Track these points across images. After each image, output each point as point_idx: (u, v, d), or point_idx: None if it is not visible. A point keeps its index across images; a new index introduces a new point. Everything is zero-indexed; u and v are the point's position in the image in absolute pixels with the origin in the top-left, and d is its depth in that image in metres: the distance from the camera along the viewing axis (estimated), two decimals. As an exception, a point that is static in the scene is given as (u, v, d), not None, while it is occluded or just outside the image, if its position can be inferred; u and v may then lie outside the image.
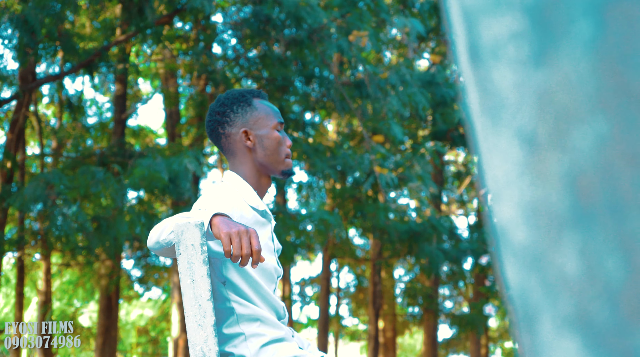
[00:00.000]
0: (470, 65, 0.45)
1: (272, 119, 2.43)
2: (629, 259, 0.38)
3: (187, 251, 1.99)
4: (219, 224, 2.01)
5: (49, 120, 13.83)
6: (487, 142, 0.44)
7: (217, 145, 2.45)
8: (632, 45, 0.38)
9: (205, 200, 2.26)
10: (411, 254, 11.77)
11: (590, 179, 0.39)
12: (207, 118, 2.45)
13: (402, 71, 9.05)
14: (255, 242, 1.97)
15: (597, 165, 0.39)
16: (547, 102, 0.41)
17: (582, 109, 0.39)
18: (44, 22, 7.88)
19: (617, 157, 0.38)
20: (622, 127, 0.38)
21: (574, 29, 0.40)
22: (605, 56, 0.39)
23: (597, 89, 0.39)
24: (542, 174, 0.41)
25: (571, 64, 0.40)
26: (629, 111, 0.38)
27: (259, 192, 2.42)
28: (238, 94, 2.45)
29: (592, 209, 0.39)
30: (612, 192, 0.39)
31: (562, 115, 0.40)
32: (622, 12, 0.38)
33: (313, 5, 8.58)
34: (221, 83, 10.46)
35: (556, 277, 0.41)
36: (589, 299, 0.39)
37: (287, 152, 2.45)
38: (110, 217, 8.37)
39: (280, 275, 2.46)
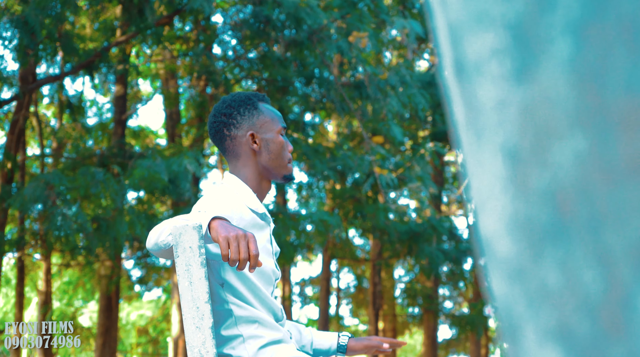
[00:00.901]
0: (455, 80, 0.46)
1: (277, 123, 2.44)
2: (606, 273, 0.39)
3: (185, 254, 2.00)
4: (217, 228, 2.02)
5: (49, 120, 13.84)
6: (472, 156, 0.45)
7: (220, 147, 2.45)
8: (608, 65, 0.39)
9: (204, 202, 2.27)
10: (411, 255, 11.78)
11: (570, 194, 0.40)
12: (211, 119, 2.44)
13: (401, 72, 9.06)
14: (252, 247, 1.98)
15: (576, 181, 0.40)
16: (529, 118, 0.42)
17: (561, 126, 0.40)
18: (44, 23, 7.89)
19: (595, 173, 0.39)
20: (599, 145, 0.39)
21: (553, 47, 0.40)
22: (583, 74, 0.40)
23: (575, 106, 0.40)
24: (524, 188, 0.42)
25: (551, 81, 0.41)
26: (606, 129, 0.39)
27: (259, 195, 2.43)
28: (244, 96, 2.45)
29: (571, 223, 0.40)
30: (590, 208, 0.39)
31: (543, 131, 0.41)
32: (598, 32, 0.39)
33: (313, 6, 8.59)
34: (221, 84, 10.47)
35: (538, 290, 0.42)
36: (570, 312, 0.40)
37: (289, 156, 2.46)
38: (110, 218, 8.38)
39: (279, 277, 2.46)
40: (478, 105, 0.44)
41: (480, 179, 0.45)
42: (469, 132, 0.45)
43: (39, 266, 13.04)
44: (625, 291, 0.38)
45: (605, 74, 0.39)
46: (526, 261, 0.42)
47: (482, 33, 0.43)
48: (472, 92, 0.44)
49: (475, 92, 0.44)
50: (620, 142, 0.38)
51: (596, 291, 0.39)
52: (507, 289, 0.43)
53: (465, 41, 0.44)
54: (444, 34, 0.46)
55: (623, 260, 0.38)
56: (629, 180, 0.38)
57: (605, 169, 0.38)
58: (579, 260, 0.40)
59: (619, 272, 0.38)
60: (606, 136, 0.38)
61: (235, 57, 10.82)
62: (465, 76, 0.45)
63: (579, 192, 0.40)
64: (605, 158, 0.39)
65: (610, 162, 0.38)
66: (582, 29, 0.39)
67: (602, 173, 0.39)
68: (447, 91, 0.48)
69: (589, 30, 0.39)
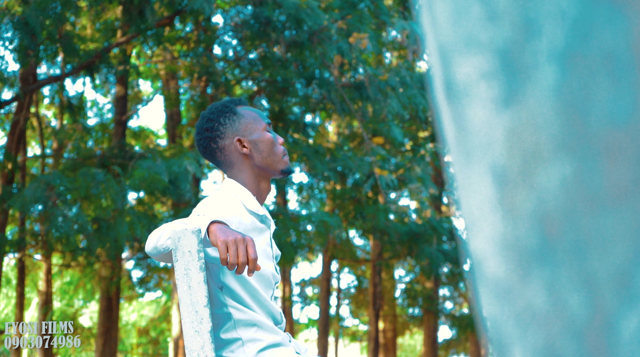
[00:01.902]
0: (445, 100, 0.46)
1: (260, 121, 2.45)
2: (591, 297, 0.39)
3: (184, 258, 2.00)
4: (216, 232, 2.02)
5: (50, 121, 13.85)
6: (462, 176, 0.45)
7: (213, 161, 2.46)
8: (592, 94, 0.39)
9: (204, 206, 2.28)
10: (411, 256, 11.78)
11: (556, 218, 0.41)
12: (197, 137, 2.45)
13: (402, 73, 9.06)
14: (251, 251, 1.99)
15: (561, 205, 0.40)
16: (516, 141, 0.42)
17: (547, 150, 0.41)
18: (45, 24, 7.90)
19: (580, 199, 0.40)
20: (584, 171, 0.39)
21: (539, 73, 0.41)
22: (567, 102, 0.40)
23: (561, 132, 0.40)
24: (512, 210, 0.43)
25: (537, 107, 0.41)
26: (591, 156, 0.39)
27: (259, 198, 2.44)
28: (220, 106, 2.46)
29: (557, 247, 0.41)
30: (576, 233, 0.40)
31: (530, 154, 0.42)
32: (582, 61, 0.40)
33: (313, 7, 8.59)
34: (222, 85, 10.47)
35: (526, 311, 0.42)
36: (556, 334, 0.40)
37: (282, 149, 2.46)
38: (110, 219, 8.38)
39: (278, 281, 2.47)
40: (467, 126, 0.45)
41: (470, 198, 0.46)
42: (458, 152, 0.46)
43: (39, 266, 13.05)
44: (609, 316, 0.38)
45: (589, 102, 0.39)
46: (514, 281, 0.43)
47: (470, 56, 0.44)
48: (461, 113, 0.45)
49: (464, 113, 0.45)
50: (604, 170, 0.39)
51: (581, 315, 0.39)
52: (496, 308, 0.44)
53: (454, 63, 0.45)
54: (435, 55, 0.47)
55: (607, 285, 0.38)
56: (613, 208, 0.38)
57: (590, 195, 0.39)
58: (565, 283, 0.40)
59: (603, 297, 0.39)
60: (591, 164, 0.39)
61: (236, 58, 10.83)
62: (455, 97, 0.46)
63: (564, 217, 0.40)
64: (590, 185, 0.39)
65: (595, 189, 0.39)
66: (566, 58, 0.40)
67: (587, 199, 0.39)
68: (437, 110, 0.48)
69: (573, 59, 0.40)
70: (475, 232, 0.45)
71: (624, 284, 0.37)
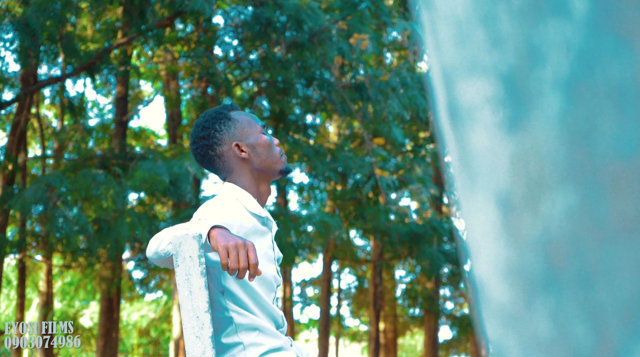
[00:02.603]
0: (449, 123, 0.46)
1: (255, 125, 2.46)
2: (597, 328, 0.39)
3: (185, 263, 2.00)
4: (217, 237, 2.02)
5: (51, 121, 13.85)
6: (466, 200, 0.45)
7: (212, 169, 2.46)
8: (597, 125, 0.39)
9: (205, 209, 2.28)
10: (412, 256, 11.78)
11: (561, 246, 0.40)
12: (193, 146, 2.44)
13: (402, 74, 9.05)
14: (252, 256, 1.99)
15: (567, 234, 0.40)
16: (520, 168, 0.42)
17: (552, 178, 0.41)
18: (45, 25, 7.89)
19: (586, 229, 0.39)
20: (590, 202, 0.39)
21: (544, 101, 0.41)
22: (572, 131, 0.40)
23: (566, 161, 0.40)
24: (516, 236, 0.42)
25: (541, 134, 0.41)
26: (597, 187, 0.39)
27: (260, 201, 2.44)
28: (214, 113, 2.46)
29: (562, 275, 0.41)
30: (581, 262, 0.40)
31: (534, 181, 0.41)
32: (587, 91, 0.39)
33: (314, 8, 8.58)
34: (222, 85, 10.46)
35: (531, 339, 0.42)
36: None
37: (279, 150, 2.47)
38: (111, 220, 8.38)
39: (280, 284, 2.46)
40: (471, 151, 0.45)
41: (474, 223, 0.45)
42: (462, 176, 0.45)
43: (40, 267, 13.05)
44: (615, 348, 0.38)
45: (594, 133, 0.39)
46: (519, 308, 0.42)
47: (474, 80, 0.44)
48: (465, 137, 0.45)
49: (468, 138, 0.45)
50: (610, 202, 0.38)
51: (587, 345, 0.39)
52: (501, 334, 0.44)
53: (458, 87, 0.45)
54: (438, 77, 0.46)
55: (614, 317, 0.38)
56: (618, 240, 0.38)
57: (596, 226, 0.39)
58: (571, 312, 0.40)
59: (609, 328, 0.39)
60: (596, 194, 0.39)
61: (236, 58, 10.82)
62: (459, 121, 0.45)
63: (570, 246, 0.40)
64: (595, 216, 0.39)
65: (600, 221, 0.39)
66: (571, 87, 0.40)
67: (592, 230, 0.39)
68: (440, 132, 0.48)
69: (578, 89, 0.40)
70: (480, 257, 0.45)
71: (630, 317, 0.37)
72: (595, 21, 0.38)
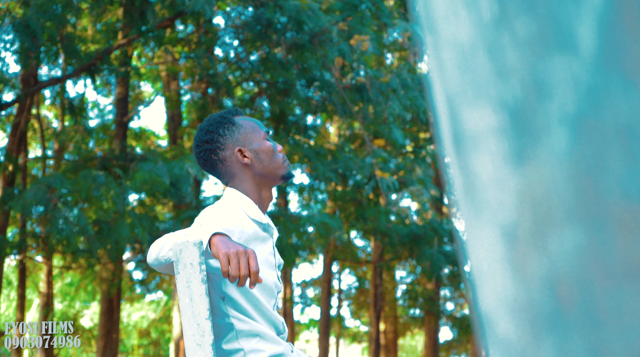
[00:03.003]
0: (453, 152, 0.46)
1: (259, 130, 2.46)
2: (604, 368, 0.38)
3: (185, 270, 2.00)
4: (218, 244, 2.02)
5: (51, 122, 13.84)
6: (471, 231, 0.45)
7: (214, 173, 2.45)
8: (605, 164, 0.39)
9: (206, 215, 2.28)
10: (412, 257, 11.77)
11: (569, 285, 0.40)
12: (196, 150, 2.44)
13: (403, 75, 9.04)
14: (253, 263, 1.99)
15: (574, 272, 0.40)
16: (527, 202, 0.41)
17: (559, 215, 0.40)
18: (46, 26, 7.88)
19: (594, 269, 0.39)
20: (598, 242, 0.39)
21: (550, 136, 0.40)
22: (580, 169, 0.40)
23: (573, 199, 0.40)
24: (523, 271, 0.42)
25: (548, 169, 0.40)
26: (605, 228, 0.38)
27: (261, 206, 2.44)
28: (218, 117, 2.46)
29: (570, 314, 0.40)
30: (589, 302, 0.39)
31: (541, 217, 0.41)
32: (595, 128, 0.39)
33: (314, 9, 8.57)
34: (223, 86, 10.46)
35: (537, 376, 0.41)
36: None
37: (282, 156, 2.47)
38: (111, 221, 8.38)
39: (281, 290, 2.46)
40: (476, 181, 0.44)
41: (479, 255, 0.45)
42: (467, 206, 0.45)
43: (40, 267, 13.04)
44: (622, 389, 0.37)
45: (602, 173, 0.39)
46: (527, 344, 0.42)
47: (479, 109, 0.43)
48: (470, 166, 0.44)
49: (473, 168, 0.44)
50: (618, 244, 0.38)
51: (594, 385, 0.39)
52: None
53: (463, 114, 0.44)
54: (442, 103, 0.46)
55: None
56: (627, 283, 0.37)
57: (604, 267, 0.38)
58: (578, 352, 0.39)
59: (616, 369, 0.38)
60: (605, 235, 0.38)
61: (237, 59, 10.82)
62: (464, 150, 0.45)
63: (577, 285, 0.40)
64: (604, 256, 0.38)
65: (609, 262, 0.38)
66: (578, 123, 0.39)
67: (601, 270, 0.39)
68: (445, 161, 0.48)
69: (585, 126, 0.39)
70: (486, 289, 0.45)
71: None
72: (603, 59, 0.37)
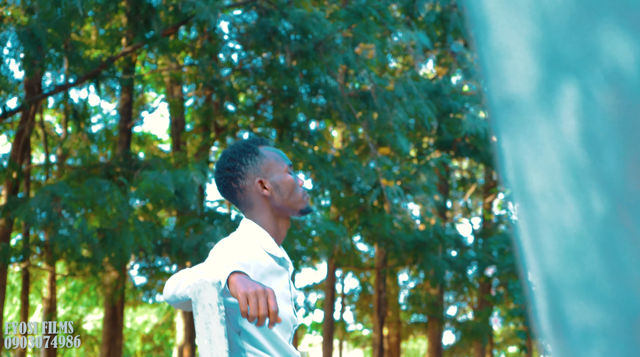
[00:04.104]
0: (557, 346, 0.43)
1: (282, 163, 2.43)
2: None
3: (204, 311, 1.97)
4: (236, 283, 2.00)
5: (54, 127, 13.81)
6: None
7: (232, 201, 2.43)
8: None
9: (222, 248, 2.26)
10: (417, 264, 11.75)
11: None
12: (217, 176, 2.42)
13: (408, 83, 9.01)
14: (272, 303, 1.96)
15: None
16: None
17: None
18: (51, 35, 7.86)
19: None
20: None
21: None
22: None
23: None
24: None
25: None
26: None
27: (278, 238, 2.42)
28: (243, 145, 2.43)
29: None
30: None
31: None
32: None
33: (319, 17, 8.54)
34: (226, 93, 10.43)
35: None
36: None
37: (302, 190, 2.44)
38: (115, 230, 8.36)
39: (297, 324, 2.44)
40: None
41: None
42: None
43: (43, 273, 13.03)
44: None
45: None
46: None
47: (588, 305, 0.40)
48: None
49: None
50: None
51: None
52: None
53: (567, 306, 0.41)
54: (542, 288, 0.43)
55: None
56: None
57: None
58: None
59: None
60: None
61: (240, 66, 10.79)
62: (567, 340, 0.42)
63: None
64: None
65: None
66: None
67: None
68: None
69: None
70: None
71: None
72: None
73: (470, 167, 16.87)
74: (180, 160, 10.99)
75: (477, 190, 17.11)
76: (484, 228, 15.70)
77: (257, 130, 11.44)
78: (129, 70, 10.26)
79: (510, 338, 20.20)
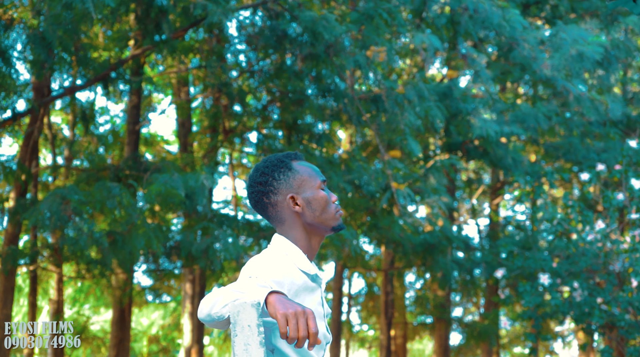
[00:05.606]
0: None
1: (316, 179, 2.40)
2: None
3: (243, 333, 1.94)
4: (275, 304, 1.98)
5: (61, 128, 13.79)
6: None
7: (264, 215, 2.41)
8: None
9: (255, 265, 2.24)
10: (425, 266, 11.73)
11: None
12: (249, 190, 2.40)
13: (419, 86, 8.99)
14: (312, 324, 1.94)
15: None
16: None
17: None
18: (61, 37, 7.83)
19: None
20: None
21: None
22: None
23: None
24: None
25: None
26: None
27: (310, 254, 2.40)
28: (276, 160, 2.40)
29: None
30: None
31: None
32: None
33: (330, 20, 8.51)
34: (235, 95, 10.41)
35: None
36: None
37: (335, 207, 2.41)
38: (125, 233, 8.35)
39: (330, 341, 2.42)
40: None
41: None
42: None
43: (50, 275, 13.02)
44: None
45: None
46: None
47: None
48: None
49: None
50: None
51: None
52: None
53: None
54: None
55: None
56: None
57: None
58: None
59: None
60: None
61: (249, 68, 10.76)
62: None
63: None
64: None
65: None
66: None
67: None
68: None
69: None
70: None
71: None
72: None
73: (476, 168, 16.85)
74: (188, 162, 10.97)
75: (483, 191, 17.09)
76: (491, 229, 15.68)
77: (264, 132, 11.41)
78: (137, 72, 10.24)
79: (516, 339, 20.20)
